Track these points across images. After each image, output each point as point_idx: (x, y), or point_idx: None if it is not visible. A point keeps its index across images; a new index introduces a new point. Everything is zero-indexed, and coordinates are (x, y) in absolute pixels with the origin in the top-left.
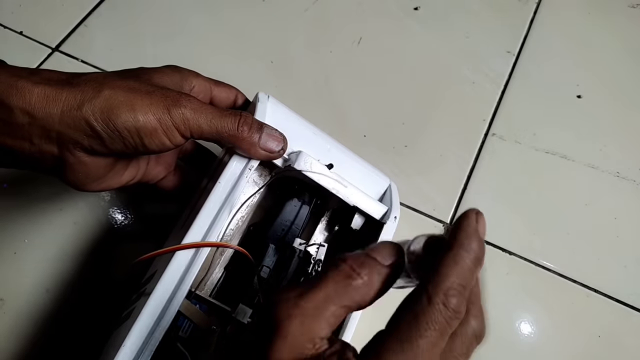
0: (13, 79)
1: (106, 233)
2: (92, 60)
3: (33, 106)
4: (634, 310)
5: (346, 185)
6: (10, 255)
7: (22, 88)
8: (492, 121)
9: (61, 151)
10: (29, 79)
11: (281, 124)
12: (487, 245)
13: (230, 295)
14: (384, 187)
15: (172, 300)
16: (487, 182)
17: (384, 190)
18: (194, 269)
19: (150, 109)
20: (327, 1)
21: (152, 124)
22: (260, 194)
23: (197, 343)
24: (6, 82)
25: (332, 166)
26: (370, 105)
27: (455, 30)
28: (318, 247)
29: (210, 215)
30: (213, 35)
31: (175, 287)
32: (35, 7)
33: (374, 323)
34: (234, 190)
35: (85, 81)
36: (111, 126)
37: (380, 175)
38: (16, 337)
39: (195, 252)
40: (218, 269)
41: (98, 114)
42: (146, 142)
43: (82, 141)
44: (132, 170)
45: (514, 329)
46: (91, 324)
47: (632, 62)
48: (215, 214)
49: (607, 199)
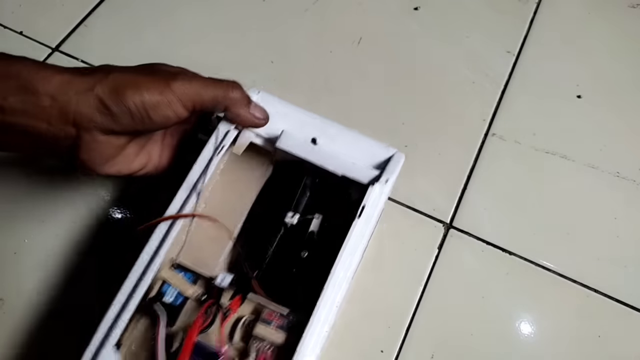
0: (39, 67)
1: (106, 233)
2: (92, 60)
3: (55, 90)
4: (634, 310)
5: (331, 156)
6: (10, 255)
7: (46, 75)
8: (492, 121)
9: (78, 131)
10: (50, 68)
11: (270, 108)
12: (487, 245)
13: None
14: (385, 156)
15: (151, 264)
16: (487, 182)
17: (385, 159)
18: (170, 238)
19: (153, 85)
20: (327, 1)
21: (156, 98)
22: (264, 178)
23: (179, 307)
24: (34, 70)
25: (315, 140)
26: (370, 105)
27: (455, 30)
28: (311, 219)
29: (187, 190)
30: (213, 35)
31: (153, 254)
32: (35, 7)
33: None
34: (206, 170)
35: (96, 69)
36: (120, 103)
37: (381, 147)
38: (16, 337)
39: (172, 223)
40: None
41: (107, 92)
42: (152, 114)
43: (96, 119)
44: (142, 158)
45: (514, 329)
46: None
47: (632, 62)
48: (190, 190)
49: (607, 199)
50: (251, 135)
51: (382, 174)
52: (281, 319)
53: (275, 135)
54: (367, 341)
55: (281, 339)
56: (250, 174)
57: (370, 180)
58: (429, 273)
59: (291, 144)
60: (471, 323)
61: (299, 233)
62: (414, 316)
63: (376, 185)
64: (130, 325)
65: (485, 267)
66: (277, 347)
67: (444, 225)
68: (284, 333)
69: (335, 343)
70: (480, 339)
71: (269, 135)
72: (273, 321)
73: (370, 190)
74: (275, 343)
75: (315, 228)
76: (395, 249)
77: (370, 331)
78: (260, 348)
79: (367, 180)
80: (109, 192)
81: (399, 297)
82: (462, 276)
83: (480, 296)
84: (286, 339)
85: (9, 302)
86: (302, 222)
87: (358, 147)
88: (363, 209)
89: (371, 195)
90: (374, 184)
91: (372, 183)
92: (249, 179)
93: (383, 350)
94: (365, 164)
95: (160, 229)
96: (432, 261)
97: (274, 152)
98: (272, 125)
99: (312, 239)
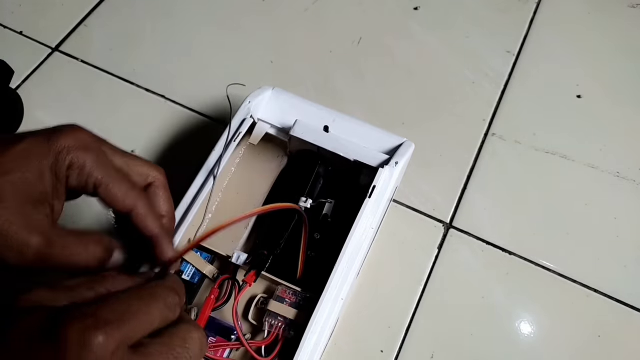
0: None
1: (106, 233)
2: (92, 60)
3: None
4: (634, 310)
5: (343, 142)
6: None
7: None
8: (492, 121)
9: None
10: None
11: (284, 102)
12: (487, 245)
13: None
14: (395, 144)
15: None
16: (487, 182)
17: (395, 146)
18: (188, 219)
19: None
20: (327, 1)
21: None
22: (279, 169)
23: (197, 286)
24: None
25: (327, 129)
26: (369, 105)
27: (455, 30)
28: (325, 203)
29: (205, 174)
30: (213, 36)
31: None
32: (35, 7)
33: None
34: (222, 156)
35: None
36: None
37: (391, 136)
38: None
39: (190, 205)
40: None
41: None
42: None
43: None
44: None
45: (514, 329)
46: None
47: (632, 62)
48: (208, 174)
49: (607, 199)
50: (266, 126)
51: (391, 159)
52: (294, 297)
53: (289, 126)
54: (367, 341)
55: (294, 315)
56: (266, 166)
57: (380, 163)
58: (429, 273)
59: (305, 132)
60: (471, 323)
61: (313, 217)
62: (414, 316)
63: (386, 168)
64: None
65: (485, 267)
66: (289, 324)
67: (444, 225)
68: (297, 310)
69: (335, 343)
70: (480, 339)
71: (284, 126)
72: (286, 299)
73: (381, 172)
74: (288, 319)
75: (328, 212)
76: (395, 249)
77: (370, 331)
78: (274, 324)
79: (377, 164)
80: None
81: (399, 297)
82: (462, 276)
83: (480, 296)
84: (298, 315)
85: None
86: (315, 207)
87: (369, 136)
88: (374, 189)
89: (381, 177)
90: (384, 167)
91: (382, 166)
92: (265, 170)
93: (383, 350)
94: (376, 150)
95: (179, 209)
96: (432, 261)
97: (288, 141)
98: (286, 117)
99: (326, 221)
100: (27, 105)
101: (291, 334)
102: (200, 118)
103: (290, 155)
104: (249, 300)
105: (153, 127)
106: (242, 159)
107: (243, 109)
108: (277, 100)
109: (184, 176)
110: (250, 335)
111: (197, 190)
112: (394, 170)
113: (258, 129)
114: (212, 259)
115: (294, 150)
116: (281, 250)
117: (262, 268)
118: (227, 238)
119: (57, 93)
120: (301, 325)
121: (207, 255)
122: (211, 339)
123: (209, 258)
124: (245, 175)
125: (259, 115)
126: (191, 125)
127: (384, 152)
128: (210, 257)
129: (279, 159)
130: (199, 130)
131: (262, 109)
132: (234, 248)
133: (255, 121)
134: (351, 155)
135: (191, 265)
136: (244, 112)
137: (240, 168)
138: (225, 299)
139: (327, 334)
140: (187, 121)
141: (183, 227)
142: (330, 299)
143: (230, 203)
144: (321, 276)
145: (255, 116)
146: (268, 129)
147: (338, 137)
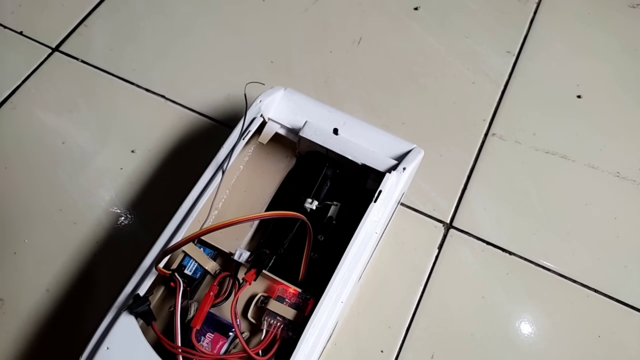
0: None
1: (106, 233)
2: (92, 60)
3: None
4: (634, 310)
5: (351, 146)
6: (10, 255)
7: None
8: (492, 121)
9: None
10: None
11: (296, 104)
12: (487, 245)
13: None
14: (404, 149)
15: (172, 239)
16: (487, 182)
17: (403, 152)
18: (193, 215)
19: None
20: (327, 1)
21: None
22: (287, 170)
23: (198, 281)
24: None
25: (337, 131)
26: (369, 105)
27: (455, 30)
28: (330, 205)
29: (214, 168)
30: (213, 35)
31: (173, 233)
32: (35, 7)
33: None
34: (231, 152)
35: None
36: None
37: (400, 141)
38: (16, 337)
39: (195, 202)
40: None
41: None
42: None
43: None
44: None
45: (514, 329)
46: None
47: (632, 62)
48: (217, 168)
49: (607, 199)
50: (276, 125)
51: (399, 164)
52: (294, 297)
53: (299, 127)
54: (367, 341)
55: (293, 315)
56: (274, 166)
57: (388, 168)
58: (429, 273)
59: (314, 134)
60: (471, 323)
61: (318, 218)
62: (414, 316)
63: (393, 173)
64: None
65: (485, 267)
66: (288, 324)
67: (444, 225)
68: (296, 311)
69: (335, 343)
70: (480, 339)
71: (293, 126)
72: (286, 299)
73: (388, 177)
74: (287, 319)
75: (333, 214)
76: (396, 249)
77: (370, 331)
78: (272, 323)
79: (384, 169)
80: (110, 192)
81: (399, 297)
82: (462, 276)
83: (480, 296)
84: (297, 316)
85: (9, 302)
86: (320, 209)
87: (378, 140)
88: (379, 194)
89: (388, 182)
90: (391, 172)
91: (389, 171)
92: (273, 170)
93: (383, 350)
94: (384, 155)
95: (184, 205)
96: (432, 261)
97: (297, 142)
98: (296, 118)
99: (330, 224)
100: (27, 105)
101: (289, 335)
102: (200, 118)
103: (298, 156)
104: (249, 298)
105: (153, 127)
106: (250, 158)
107: (254, 108)
108: (288, 101)
109: (185, 175)
110: (248, 333)
111: (204, 184)
112: (401, 175)
113: (268, 128)
114: (215, 255)
115: (303, 152)
116: (284, 251)
117: (262, 267)
118: (231, 235)
119: (57, 93)
120: (300, 326)
121: (210, 251)
122: (209, 334)
123: (211, 254)
124: (253, 174)
125: (270, 114)
126: (191, 125)
127: (392, 157)
128: (213, 253)
129: (288, 160)
130: (199, 130)
131: (273, 109)
132: (237, 245)
133: (266, 120)
134: (359, 159)
135: (194, 261)
136: (255, 111)
137: (249, 167)
138: (225, 295)
139: (325, 336)
140: (187, 121)
141: (188, 222)
142: (329, 303)
143: (236, 201)
144: (323, 278)
145: (265, 115)
146: (278, 129)
147: (347, 140)
